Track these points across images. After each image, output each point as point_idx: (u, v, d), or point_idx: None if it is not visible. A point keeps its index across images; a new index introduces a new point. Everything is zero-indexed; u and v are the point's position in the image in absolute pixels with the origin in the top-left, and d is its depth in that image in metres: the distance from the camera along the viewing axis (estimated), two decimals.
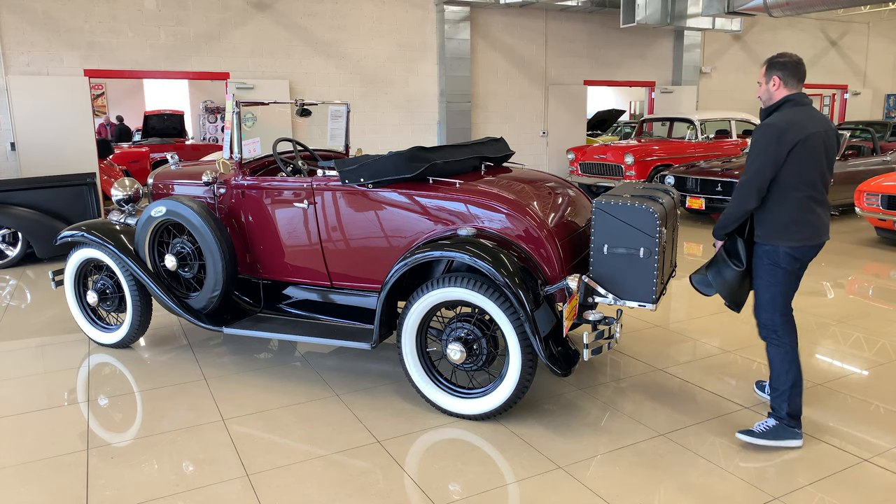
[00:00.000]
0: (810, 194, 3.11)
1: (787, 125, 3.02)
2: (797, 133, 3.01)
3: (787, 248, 3.11)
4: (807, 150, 3.04)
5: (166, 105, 18.57)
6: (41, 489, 2.97)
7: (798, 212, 3.11)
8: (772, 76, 3.14)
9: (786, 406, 3.19)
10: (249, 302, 4.50)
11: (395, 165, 3.69)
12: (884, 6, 14.60)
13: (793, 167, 3.06)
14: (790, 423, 3.19)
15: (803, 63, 3.14)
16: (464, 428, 3.45)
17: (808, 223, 3.12)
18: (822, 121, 3.13)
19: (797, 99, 3.12)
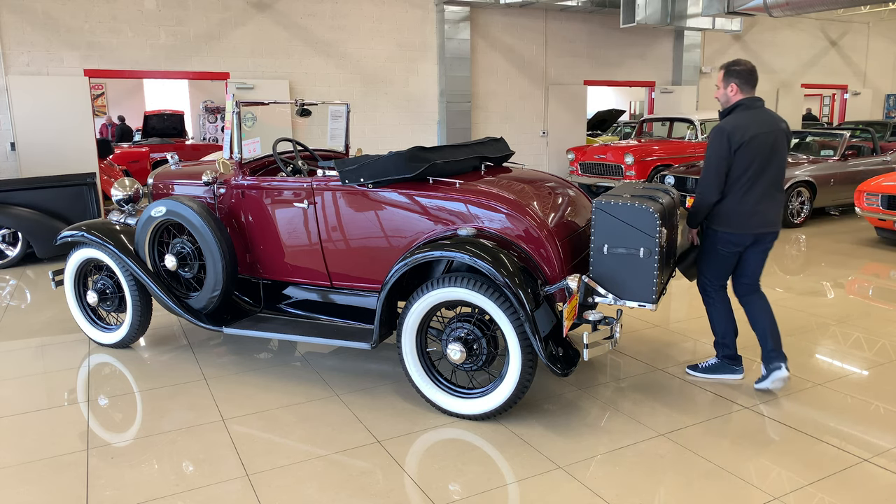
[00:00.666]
0: (753, 189, 3.53)
1: (732, 128, 3.48)
2: (742, 135, 3.47)
3: (725, 232, 3.62)
4: (751, 149, 3.48)
5: (166, 105, 18.56)
6: (41, 489, 2.97)
7: (738, 203, 3.56)
8: (730, 82, 3.58)
9: (720, 350, 3.95)
10: (249, 302, 4.50)
11: (395, 165, 3.69)
12: (884, 6, 14.60)
13: (738, 164, 3.51)
14: (729, 362, 3.93)
15: (756, 72, 3.60)
16: (464, 428, 3.45)
17: (748, 214, 3.56)
18: (770, 122, 3.54)
19: (748, 103, 3.55)
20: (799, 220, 8.93)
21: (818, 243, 7.97)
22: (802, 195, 8.88)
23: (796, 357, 4.38)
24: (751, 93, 3.59)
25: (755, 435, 3.35)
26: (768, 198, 3.59)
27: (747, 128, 3.48)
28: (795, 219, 8.89)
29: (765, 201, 3.57)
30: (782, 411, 3.60)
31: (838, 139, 9.49)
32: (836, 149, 9.35)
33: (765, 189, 3.56)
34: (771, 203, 3.61)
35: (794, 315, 5.24)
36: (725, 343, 3.92)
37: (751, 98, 3.57)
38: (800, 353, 4.45)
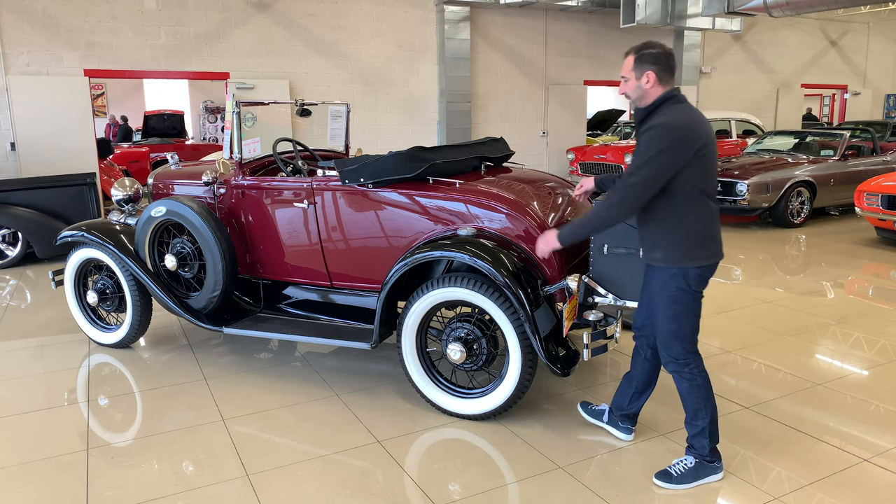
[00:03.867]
0: (710, 204, 2.73)
1: (689, 125, 2.63)
2: (699, 135, 2.63)
3: (698, 267, 2.71)
4: (709, 153, 2.68)
5: (166, 105, 18.55)
6: (41, 489, 2.97)
7: (705, 224, 2.71)
8: (645, 70, 2.70)
9: (707, 442, 2.89)
10: (249, 302, 4.50)
11: (395, 165, 3.68)
12: (884, 6, 14.60)
13: (695, 173, 2.64)
14: (711, 458, 2.92)
15: (674, 57, 2.76)
16: (464, 428, 3.45)
17: (714, 237, 2.75)
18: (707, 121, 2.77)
19: (679, 96, 2.74)
20: (799, 220, 8.93)
21: (818, 243, 7.97)
22: (802, 195, 8.88)
23: (796, 357, 4.38)
24: (671, 84, 2.75)
25: (755, 435, 3.35)
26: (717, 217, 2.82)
27: (701, 125, 2.68)
28: (795, 219, 8.89)
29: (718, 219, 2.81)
30: (782, 411, 3.60)
31: (838, 139, 9.49)
32: (836, 149, 9.35)
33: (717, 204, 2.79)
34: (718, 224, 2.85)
35: (794, 315, 5.24)
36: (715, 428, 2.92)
37: (677, 89, 2.76)
38: (800, 353, 4.46)
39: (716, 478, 2.94)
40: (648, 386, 3.19)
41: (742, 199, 8.41)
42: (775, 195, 8.60)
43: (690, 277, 2.74)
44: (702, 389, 2.86)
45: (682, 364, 2.86)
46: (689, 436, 2.94)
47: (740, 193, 8.41)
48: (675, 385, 2.93)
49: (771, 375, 4.08)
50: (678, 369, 2.87)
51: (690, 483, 2.90)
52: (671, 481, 2.91)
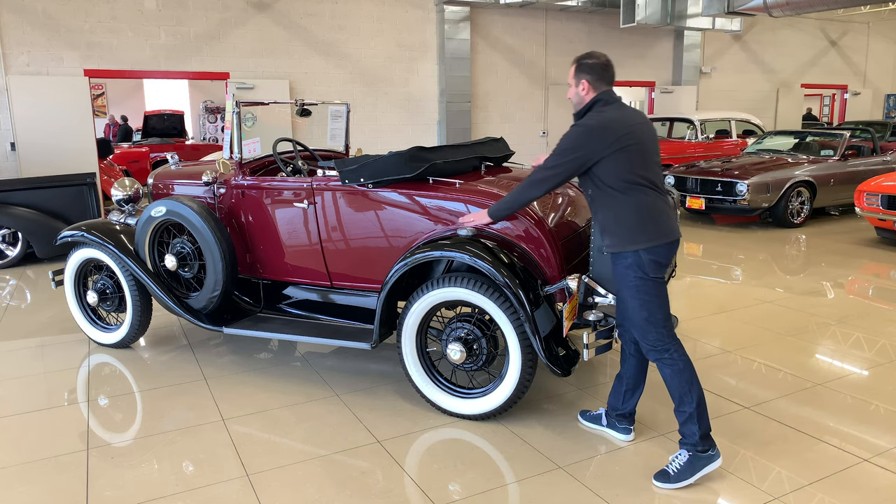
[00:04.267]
0: (650, 187, 2.88)
1: (603, 121, 2.85)
2: (619, 127, 2.84)
3: (647, 251, 2.83)
4: (634, 141, 2.86)
5: (166, 105, 18.55)
6: (41, 489, 2.97)
7: (642, 209, 2.85)
8: (581, 79, 2.94)
9: (697, 428, 2.88)
10: (249, 302, 4.50)
11: (395, 165, 3.68)
12: (884, 6, 14.60)
13: (620, 165, 2.83)
14: (705, 446, 2.90)
15: (612, 64, 2.98)
16: (464, 428, 3.45)
17: (657, 219, 2.86)
18: (638, 114, 2.99)
19: (606, 98, 2.93)
20: (799, 220, 8.93)
21: (818, 243, 7.97)
22: (802, 195, 8.88)
23: (796, 357, 4.38)
24: (605, 89, 2.95)
25: (755, 435, 3.35)
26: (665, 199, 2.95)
27: (622, 119, 2.88)
28: (795, 219, 8.90)
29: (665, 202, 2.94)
30: (782, 411, 3.60)
31: (838, 139, 9.49)
32: (836, 149, 9.35)
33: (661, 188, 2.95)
34: (670, 206, 2.98)
35: (794, 315, 5.24)
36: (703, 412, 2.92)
37: (608, 92, 2.94)
38: (800, 353, 4.46)
39: (714, 466, 2.91)
40: (639, 383, 3.22)
41: (742, 199, 8.41)
42: (775, 195, 8.60)
43: (645, 264, 2.85)
44: (684, 373, 2.90)
45: (661, 351, 2.91)
46: (679, 425, 2.95)
47: (740, 193, 8.41)
48: (660, 373, 2.95)
49: (771, 375, 4.08)
50: (659, 357, 2.92)
51: (690, 478, 2.89)
52: (669, 480, 2.90)
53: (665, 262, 2.89)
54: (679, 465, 2.91)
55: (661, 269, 2.89)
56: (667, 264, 2.91)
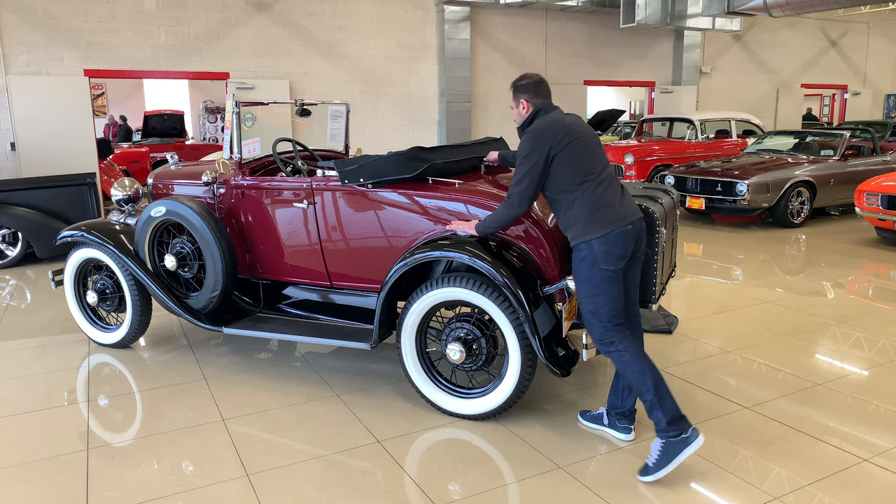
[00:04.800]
0: (599, 181, 2.99)
1: (547, 122, 3.02)
2: (562, 126, 3.00)
3: (598, 238, 2.91)
4: (576, 136, 3.00)
5: (166, 105, 18.56)
6: (41, 489, 2.97)
7: (592, 201, 2.95)
8: (519, 100, 3.16)
9: (661, 414, 2.89)
10: (249, 302, 4.50)
11: (395, 165, 3.68)
12: (884, 6, 14.60)
13: (567, 163, 2.97)
14: (675, 430, 2.89)
15: (544, 81, 3.18)
16: (464, 428, 3.45)
17: (608, 208, 2.95)
18: (575, 118, 3.15)
19: (545, 107, 3.12)
20: (799, 220, 8.93)
21: (818, 243, 7.97)
22: (802, 195, 8.88)
23: (796, 357, 4.38)
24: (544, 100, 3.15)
25: (755, 435, 3.35)
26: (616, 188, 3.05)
27: (559, 121, 3.03)
28: (795, 219, 8.90)
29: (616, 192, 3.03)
30: (782, 411, 3.60)
31: (838, 139, 9.49)
32: (836, 149, 9.35)
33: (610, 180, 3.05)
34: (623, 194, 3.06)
35: (794, 315, 5.24)
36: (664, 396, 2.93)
37: (545, 103, 3.14)
38: (800, 353, 4.46)
39: (692, 448, 2.88)
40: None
41: (742, 199, 8.41)
42: (775, 195, 8.60)
43: (597, 255, 2.93)
44: (633, 364, 2.94)
45: (606, 344, 2.98)
46: (648, 413, 2.95)
47: (740, 193, 8.41)
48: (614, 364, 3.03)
49: (771, 375, 4.08)
50: (606, 350, 3.00)
51: (668, 465, 2.89)
52: (650, 472, 2.92)
53: (620, 253, 2.95)
54: (657, 454, 2.93)
55: (616, 260, 2.94)
56: (623, 255, 2.96)
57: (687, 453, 2.89)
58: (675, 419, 2.90)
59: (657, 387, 2.91)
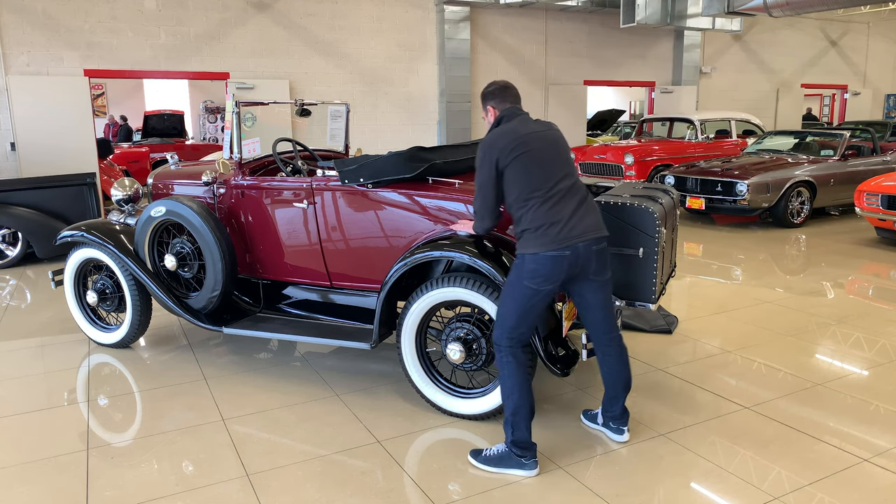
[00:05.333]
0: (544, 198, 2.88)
1: (499, 132, 2.94)
2: (513, 137, 2.90)
3: (531, 255, 2.86)
4: (528, 149, 2.90)
5: (166, 105, 18.56)
6: (41, 489, 2.97)
7: (539, 219, 2.86)
8: (486, 106, 3.11)
9: (511, 432, 2.96)
10: (249, 302, 4.50)
11: (395, 165, 3.68)
12: (884, 6, 14.60)
13: (517, 175, 2.88)
14: (516, 451, 2.97)
15: (511, 86, 3.11)
16: (464, 428, 3.45)
17: (548, 230, 2.85)
18: (541, 123, 3.05)
19: (509, 114, 3.04)
20: (799, 220, 8.93)
21: (818, 243, 7.97)
22: (802, 195, 8.88)
23: (796, 357, 4.38)
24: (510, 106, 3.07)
25: (755, 435, 3.35)
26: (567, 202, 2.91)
27: (515, 129, 2.94)
28: (795, 219, 8.89)
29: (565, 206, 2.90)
30: (782, 411, 3.60)
31: (838, 139, 9.49)
32: (836, 149, 9.35)
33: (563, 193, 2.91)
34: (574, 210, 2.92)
35: (794, 315, 5.24)
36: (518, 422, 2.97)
37: (511, 108, 3.05)
38: (800, 353, 4.46)
39: (521, 473, 2.99)
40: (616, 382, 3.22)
41: (742, 199, 8.41)
42: (775, 195, 8.60)
43: (525, 267, 2.88)
44: (508, 381, 2.95)
45: (498, 349, 2.99)
46: (503, 424, 3.03)
47: (740, 193, 8.41)
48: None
49: (771, 375, 4.08)
50: (496, 353, 3.00)
51: (494, 468, 3.02)
52: (478, 459, 3.06)
53: (545, 275, 2.85)
54: (495, 451, 3.05)
55: (540, 280, 2.86)
56: (548, 279, 2.86)
57: (514, 472, 3.00)
58: (520, 443, 2.99)
59: (516, 411, 2.95)
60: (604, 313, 3.10)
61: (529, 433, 2.99)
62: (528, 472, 3.00)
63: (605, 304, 3.09)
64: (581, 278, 2.98)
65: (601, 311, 3.09)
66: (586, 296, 3.05)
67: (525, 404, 2.96)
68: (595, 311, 3.09)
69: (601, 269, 2.99)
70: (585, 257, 2.90)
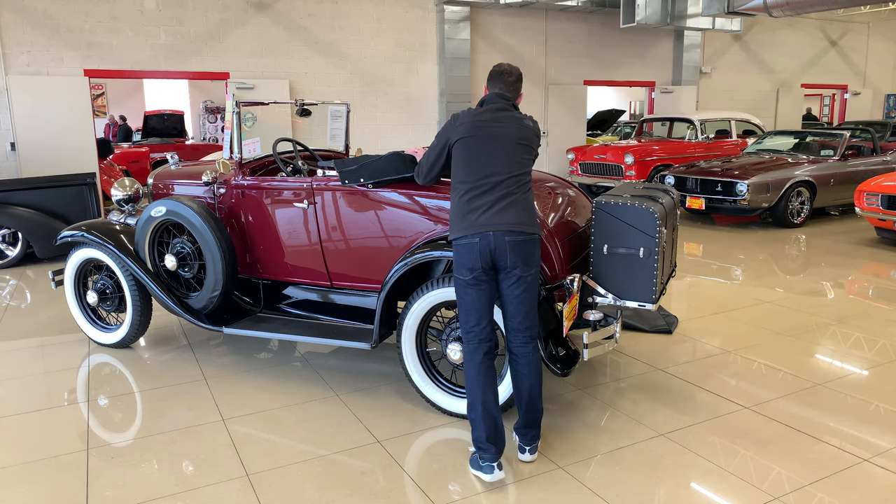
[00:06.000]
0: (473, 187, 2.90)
1: (459, 114, 3.02)
2: (465, 122, 2.96)
3: (452, 240, 2.93)
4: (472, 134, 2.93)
5: (166, 105, 18.55)
6: (41, 489, 2.97)
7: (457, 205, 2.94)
8: (485, 87, 3.16)
9: (473, 432, 2.97)
10: (249, 302, 4.50)
11: (395, 165, 3.68)
12: (884, 6, 14.60)
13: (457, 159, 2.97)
14: (478, 450, 2.95)
15: (507, 72, 3.08)
16: (464, 428, 3.45)
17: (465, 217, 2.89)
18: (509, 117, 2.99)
19: (489, 98, 3.08)
20: (799, 220, 8.93)
21: (818, 243, 7.97)
22: (802, 195, 8.88)
23: (796, 357, 4.38)
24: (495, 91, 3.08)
25: (755, 435, 3.35)
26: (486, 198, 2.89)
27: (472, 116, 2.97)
28: (795, 219, 8.89)
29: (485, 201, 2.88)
30: (782, 411, 3.60)
31: (838, 139, 9.49)
32: (836, 149, 9.35)
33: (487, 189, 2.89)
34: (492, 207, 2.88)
35: (794, 315, 5.24)
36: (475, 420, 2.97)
37: (493, 94, 3.07)
38: (800, 353, 4.46)
39: (482, 475, 2.93)
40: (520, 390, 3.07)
41: (742, 199, 8.41)
42: (775, 195, 8.60)
43: (455, 259, 2.94)
44: (470, 373, 2.95)
45: (463, 342, 3.00)
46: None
47: (740, 193, 8.41)
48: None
49: (771, 375, 4.08)
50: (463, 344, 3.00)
51: (471, 469, 3.02)
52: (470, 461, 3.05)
53: (465, 265, 2.87)
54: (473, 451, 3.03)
55: (461, 269, 2.89)
56: (467, 267, 2.86)
57: (478, 474, 2.96)
58: (479, 442, 2.94)
59: (470, 408, 2.96)
60: (519, 311, 2.96)
61: (488, 432, 2.91)
62: (485, 474, 2.92)
63: (521, 300, 2.95)
64: (500, 270, 2.91)
65: (516, 306, 2.95)
66: (503, 289, 2.95)
67: (476, 401, 2.92)
68: (509, 306, 2.96)
69: (518, 263, 2.88)
70: (497, 245, 2.84)
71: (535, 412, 3.07)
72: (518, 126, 3.00)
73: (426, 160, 3.21)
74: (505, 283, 2.94)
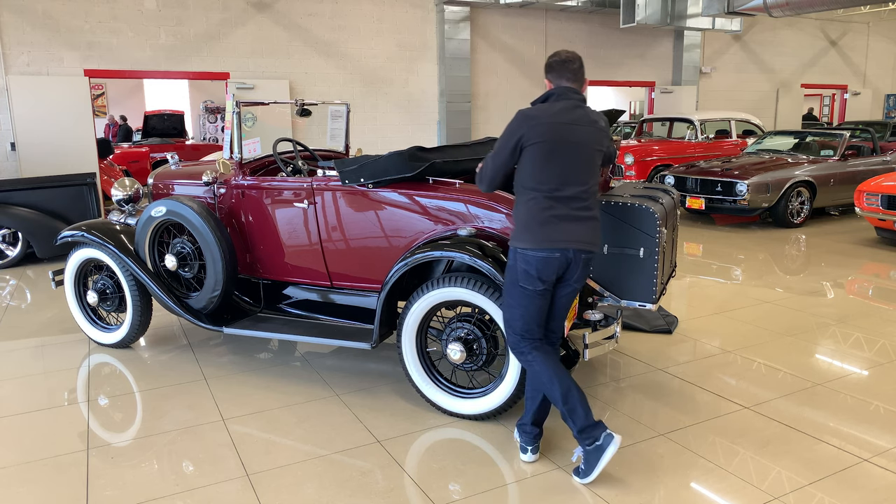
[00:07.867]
0: (549, 195, 2.80)
1: (534, 111, 2.83)
2: (540, 121, 2.79)
3: (521, 252, 2.82)
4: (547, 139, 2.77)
5: (166, 105, 18.56)
6: (41, 489, 2.97)
7: (532, 213, 2.82)
8: (546, 78, 2.97)
9: (572, 423, 2.87)
10: (249, 302, 4.50)
11: (395, 165, 3.69)
12: (884, 6, 14.60)
13: (524, 165, 2.83)
14: (587, 439, 2.87)
15: (574, 60, 2.90)
16: (464, 428, 3.45)
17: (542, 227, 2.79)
18: (585, 116, 2.86)
19: (559, 92, 2.89)
20: (799, 220, 8.93)
21: (818, 243, 7.97)
22: (802, 195, 8.88)
23: (796, 357, 4.38)
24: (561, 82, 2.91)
25: (755, 435, 3.35)
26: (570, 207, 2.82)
27: (549, 112, 2.82)
28: (795, 219, 8.90)
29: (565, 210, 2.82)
30: (782, 411, 3.60)
31: (838, 139, 9.49)
32: (836, 149, 9.35)
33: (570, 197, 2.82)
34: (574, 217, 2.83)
35: (794, 315, 5.24)
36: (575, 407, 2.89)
37: (564, 88, 2.89)
38: (800, 353, 4.46)
39: (608, 454, 2.84)
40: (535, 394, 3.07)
41: (742, 199, 8.41)
42: (775, 195, 8.60)
43: (518, 268, 2.85)
44: (542, 376, 2.90)
45: (517, 353, 2.97)
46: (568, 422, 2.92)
47: (740, 193, 8.41)
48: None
49: (771, 375, 4.08)
50: (517, 357, 2.98)
51: (592, 473, 2.89)
52: (580, 475, 2.94)
53: (536, 276, 2.82)
54: (582, 462, 2.95)
55: (532, 280, 2.84)
56: (539, 278, 2.83)
57: (604, 460, 2.86)
58: (585, 428, 2.87)
59: (565, 398, 2.86)
60: (560, 315, 3.05)
61: (587, 412, 2.86)
62: (612, 448, 2.83)
63: (565, 306, 3.03)
64: (562, 280, 2.93)
65: (559, 311, 3.03)
66: (556, 296, 2.98)
67: (569, 389, 2.85)
68: (556, 311, 3.03)
69: (581, 278, 2.95)
70: (573, 261, 2.86)
71: (544, 411, 3.10)
72: (594, 130, 2.88)
73: (491, 163, 2.93)
74: (561, 292, 2.97)
